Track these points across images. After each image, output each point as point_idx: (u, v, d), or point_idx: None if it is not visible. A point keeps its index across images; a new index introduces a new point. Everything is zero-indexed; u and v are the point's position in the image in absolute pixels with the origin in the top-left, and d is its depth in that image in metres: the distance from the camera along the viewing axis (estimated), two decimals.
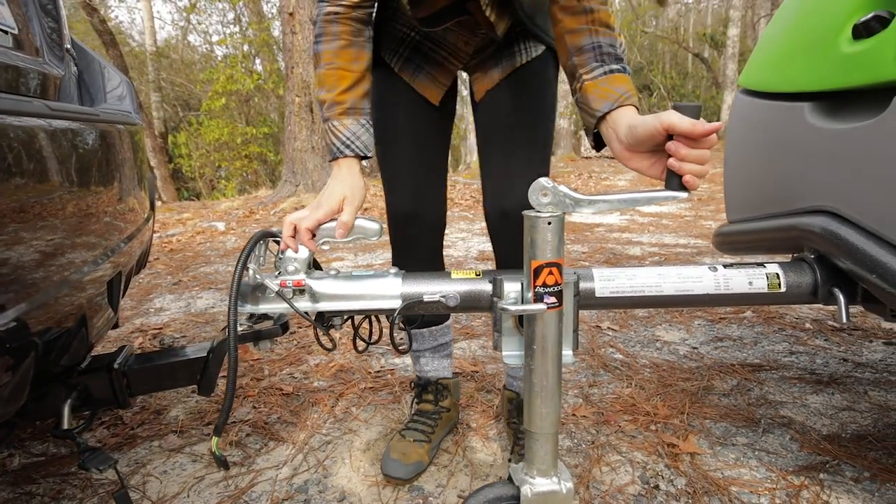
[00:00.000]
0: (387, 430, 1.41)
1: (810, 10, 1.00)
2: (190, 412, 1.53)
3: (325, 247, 0.93)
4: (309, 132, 6.08)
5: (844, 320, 0.84)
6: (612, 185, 7.68)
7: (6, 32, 0.88)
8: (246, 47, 12.09)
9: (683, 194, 0.71)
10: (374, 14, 1.01)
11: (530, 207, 0.73)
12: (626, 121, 0.77)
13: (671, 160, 0.70)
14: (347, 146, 0.94)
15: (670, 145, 0.70)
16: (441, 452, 1.31)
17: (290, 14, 5.79)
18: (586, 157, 12.45)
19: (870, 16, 0.81)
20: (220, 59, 14.43)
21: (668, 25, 21.58)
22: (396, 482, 1.19)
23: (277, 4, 13.06)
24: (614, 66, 0.83)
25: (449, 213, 5.63)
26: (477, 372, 1.72)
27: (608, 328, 2.07)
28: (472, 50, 1.10)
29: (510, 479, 0.87)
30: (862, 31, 0.82)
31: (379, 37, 1.13)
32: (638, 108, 0.81)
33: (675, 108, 0.68)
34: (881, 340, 1.86)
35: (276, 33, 12.70)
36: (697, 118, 0.67)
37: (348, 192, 0.91)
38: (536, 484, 0.84)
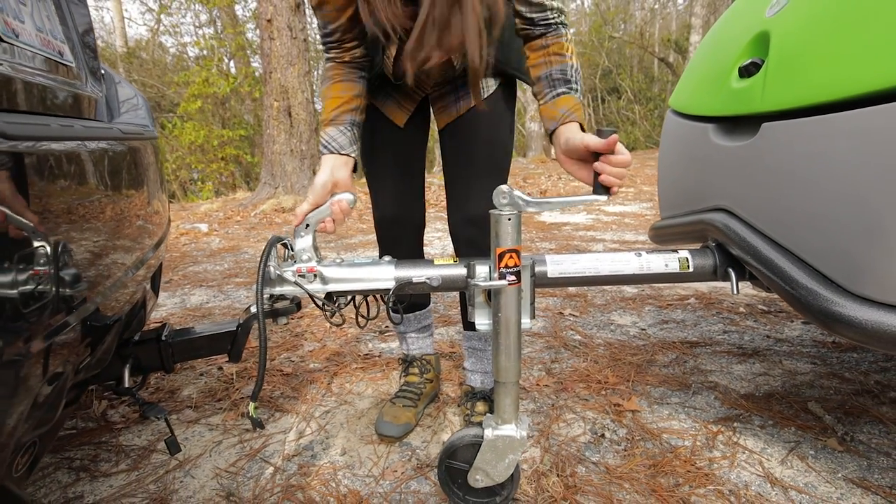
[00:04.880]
0: (378, 400, 1.63)
1: (714, 50, 1.27)
2: (201, 391, 1.72)
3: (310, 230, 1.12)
4: (287, 136, 6.23)
5: (736, 292, 1.10)
6: (579, 186, 8.00)
7: (67, 66, 1.08)
8: (221, 50, 12.09)
9: (605, 197, 0.97)
10: (367, 63, 1.20)
11: (485, 219, 0.97)
12: (565, 135, 1.04)
13: (596, 164, 0.96)
14: (325, 146, 1.15)
15: (597, 165, 0.96)
16: (425, 416, 1.53)
17: (268, 21, 5.94)
18: (556, 160, 12.79)
19: (748, 61, 1.07)
20: (192, 59, 14.34)
21: (634, 31, 22.23)
22: (389, 440, 1.41)
23: (251, 8, 13.07)
24: (561, 90, 1.08)
25: (426, 213, 5.84)
26: (454, 352, 1.95)
27: (569, 314, 2.33)
28: (434, 82, 1.30)
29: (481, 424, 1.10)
30: (744, 72, 1.08)
31: None
32: (582, 123, 1.05)
33: (597, 132, 0.95)
34: (800, 321, 2.16)
35: (249, 36, 12.72)
36: None
37: (319, 182, 1.09)
38: (498, 428, 1.07)
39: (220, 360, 1.93)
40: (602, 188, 0.96)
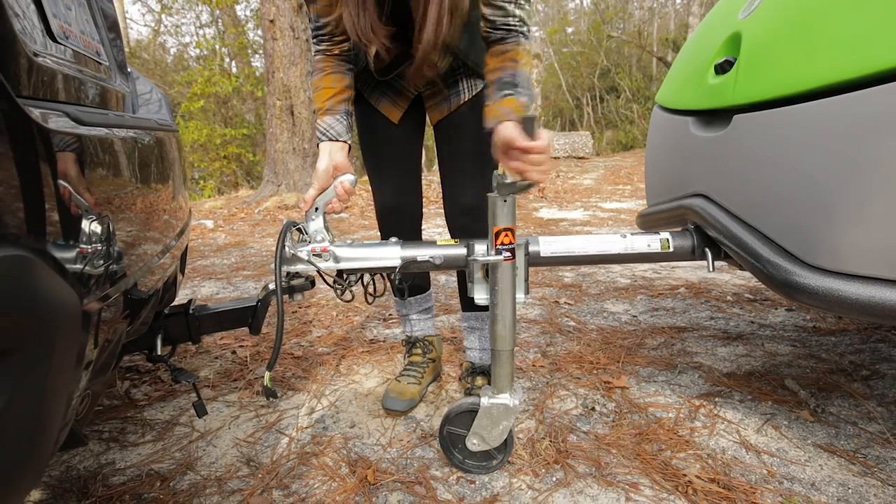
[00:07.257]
0: (383, 380, 1.74)
1: (695, 49, 1.37)
2: (217, 372, 1.82)
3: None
4: (290, 134, 6.33)
5: (711, 270, 1.21)
6: (578, 184, 8.11)
7: (103, 64, 1.18)
8: (224, 50, 12.22)
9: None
10: (352, 55, 1.30)
11: (479, 207, 1.05)
12: (499, 132, 1.07)
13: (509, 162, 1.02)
14: (323, 134, 1.25)
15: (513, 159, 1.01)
16: (428, 394, 1.64)
17: (271, 21, 6.04)
18: (555, 158, 12.91)
19: (723, 59, 1.17)
20: (194, 59, 14.45)
21: (633, 30, 22.33)
22: (395, 414, 1.52)
23: (253, 8, 13.18)
24: (506, 92, 1.13)
25: (426, 209, 5.95)
26: (455, 337, 2.06)
27: (565, 303, 2.43)
28: (424, 81, 1.39)
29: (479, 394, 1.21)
30: (719, 69, 1.19)
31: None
32: (520, 122, 1.02)
33: (520, 119, 1.00)
34: (784, 308, 2.26)
35: (250, 35, 12.82)
36: (531, 128, 0.97)
37: (321, 167, 1.20)
38: (494, 397, 1.18)
39: (233, 344, 2.04)
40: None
